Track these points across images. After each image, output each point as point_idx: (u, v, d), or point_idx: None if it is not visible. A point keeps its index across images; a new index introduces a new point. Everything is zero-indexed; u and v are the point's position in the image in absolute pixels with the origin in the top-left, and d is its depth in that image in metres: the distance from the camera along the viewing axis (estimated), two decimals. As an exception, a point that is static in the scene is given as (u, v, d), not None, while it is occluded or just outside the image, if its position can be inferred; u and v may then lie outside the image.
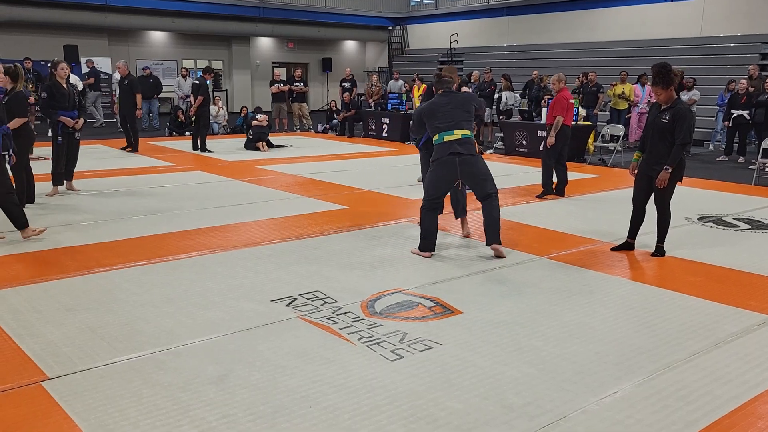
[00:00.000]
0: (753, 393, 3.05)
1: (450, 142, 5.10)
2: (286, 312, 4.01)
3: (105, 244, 5.55)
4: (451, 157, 5.09)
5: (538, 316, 4.01)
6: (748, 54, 15.38)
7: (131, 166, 10.29)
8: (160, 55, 22.57)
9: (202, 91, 12.06)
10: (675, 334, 3.74)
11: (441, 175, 5.19)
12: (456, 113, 5.16)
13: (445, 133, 5.14)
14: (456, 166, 5.10)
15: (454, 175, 5.16)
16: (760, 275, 4.91)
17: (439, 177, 5.21)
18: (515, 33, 21.60)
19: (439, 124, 5.17)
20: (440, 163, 5.16)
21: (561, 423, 2.77)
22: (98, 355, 3.36)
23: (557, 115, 7.87)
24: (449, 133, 5.12)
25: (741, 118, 11.73)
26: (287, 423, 2.73)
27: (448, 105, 5.19)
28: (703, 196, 8.22)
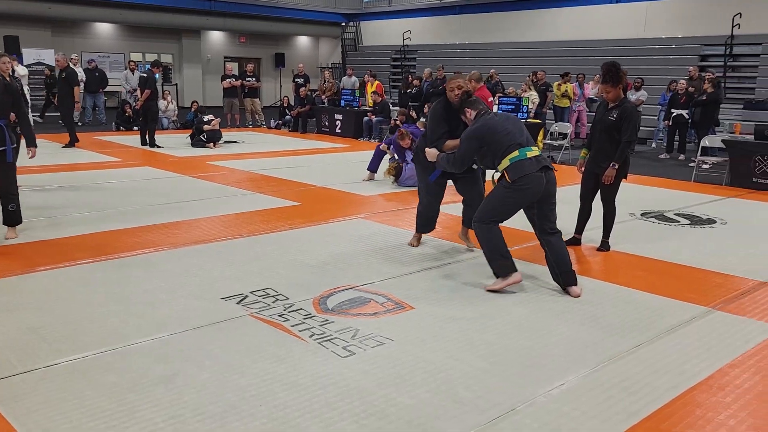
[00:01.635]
0: (691, 383, 3.17)
1: (536, 157, 4.39)
2: (237, 310, 3.96)
3: (48, 242, 5.38)
4: (540, 173, 4.35)
5: (489, 310, 4.07)
6: (688, 56, 15.94)
7: (76, 161, 9.98)
8: (107, 48, 21.93)
9: (149, 84, 11.79)
10: (618, 327, 3.85)
11: (522, 196, 4.40)
12: (520, 129, 4.55)
13: (527, 149, 4.41)
14: (543, 183, 4.38)
15: (538, 195, 4.41)
16: (699, 268, 5.10)
17: (521, 198, 4.41)
18: (467, 31, 21.83)
19: (515, 140, 4.42)
20: (524, 182, 4.32)
21: (510, 415, 2.82)
22: (39, 356, 3.25)
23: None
24: (530, 149, 4.41)
25: (680, 117, 12.15)
26: (237, 422, 2.71)
27: (507, 122, 4.55)
28: (646, 192, 8.49)
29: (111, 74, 17.51)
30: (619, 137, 5.29)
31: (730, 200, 8.14)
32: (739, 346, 3.62)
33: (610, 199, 5.52)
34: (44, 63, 17.36)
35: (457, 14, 22.29)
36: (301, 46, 26.96)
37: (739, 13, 14.94)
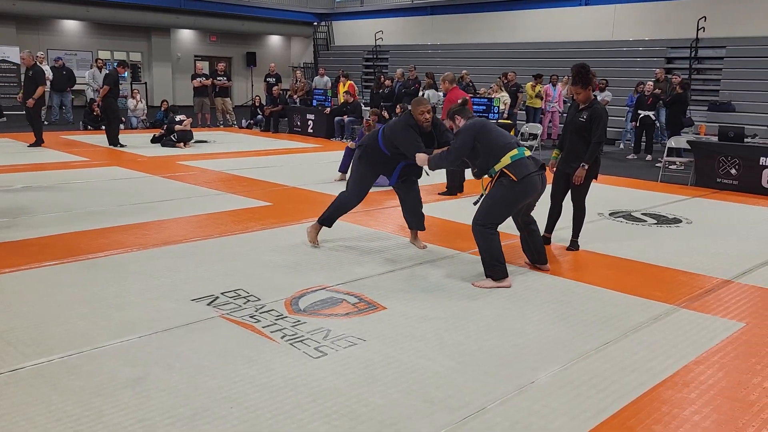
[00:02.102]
0: (658, 380, 3.23)
1: (532, 157, 4.58)
2: (207, 311, 3.93)
3: (12, 244, 5.26)
4: (538, 173, 4.52)
5: (460, 310, 4.10)
6: (655, 58, 16.25)
7: (43, 161, 9.78)
8: (74, 46, 21.53)
9: (107, 81, 11.60)
10: (588, 325, 3.91)
11: (525, 195, 4.55)
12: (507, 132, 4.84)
13: (523, 148, 4.57)
14: (540, 184, 4.57)
15: (535, 195, 4.59)
16: (665, 267, 5.20)
17: (523, 197, 4.56)
18: (439, 32, 21.93)
19: (511, 138, 4.65)
20: (529, 180, 4.47)
21: (480, 414, 2.85)
22: (3, 360, 3.18)
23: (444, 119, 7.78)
24: (525, 149, 4.60)
25: (647, 118, 12.38)
26: (207, 425, 2.68)
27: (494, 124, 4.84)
28: (614, 192, 8.63)
29: (78, 72, 17.17)
30: (589, 138, 5.37)
31: (695, 200, 8.32)
32: (703, 343, 3.70)
33: (580, 200, 5.60)
34: (9, 60, 16.97)
35: (429, 15, 22.39)
36: (273, 46, 26.80)
37: (704, 17, 15.28)
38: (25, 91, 11.69)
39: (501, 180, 4.51)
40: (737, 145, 9.09)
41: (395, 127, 5.12)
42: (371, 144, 5.27)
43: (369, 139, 5.34)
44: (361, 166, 5.33)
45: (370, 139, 5.33)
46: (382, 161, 5.24)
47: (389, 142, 5.13)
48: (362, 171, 5.33)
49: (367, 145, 5.30)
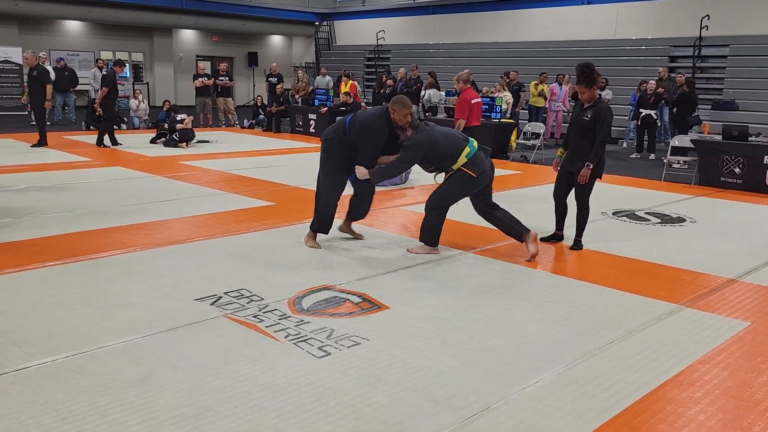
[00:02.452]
0: (662, 379, 3.22)
1: (480, 147, 5.12)
2: (211, 311, 3.93)
3: (16, 244, 5.27)
4: (489, 167, 5.15)
5: (463, 310, 4.09)
6: (658, 56, 16.23)
7: (45, 161, 9.80)
8: (76, 46, 21.55)
9: (106, 82, 11.61)
10: (591, 325, 3.91)
11: (479, 186, 5.15)
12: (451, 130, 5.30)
13: (471, 142, 5.10)
14: (491, 173, 5.21)
15: (488, 180, 5.23)
16: (669, 266, 5.19)
17: (477, 187, 5.16)
18: (440, 31, 21.93)
19: (460, 138, 5.11)
20: (484, 174, 5.09)
21: (485, 414, 2.84)
22: (8, 360, 3.19)
23: (458, 118, 7.78)
24: (473, 141, 5.12)
25: (649, 117, 12.36)
26: (212, 425, 2.68)
27: (438, 128, 5.13)
28: (617, 191, 8.62)
29: (81, 73, 17.19)
30: (593, 137, 5.36)
31: (699, 199, 8.30)
32: (708, 342, 3.69)
33: (584, 199, 5.59)
34: (11, 61, 17.00)
35: (431, 14, 22.38)
36: (275, 46, 26.82)
37: (707, 15, 15.25)
38: (30, 91, 11.69)
39: (460, 174, 5.04)
40: (741, 144, 9.07)
41: (370, 125, 4.99)
42: (339, 137, 5.12)
43: (335, 132, 5.19)
44: (329, 160, 5.17)
45: (336, 132, 5.18)
46: (347, 154, 5.11)
47: (353, 135, 5.01)
48: (331, 165, 5.17)
49: (332, 139, 5.16)
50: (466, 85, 7.89)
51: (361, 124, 5.03)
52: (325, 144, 5.21)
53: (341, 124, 5.18)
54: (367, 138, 5.01)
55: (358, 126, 5.04)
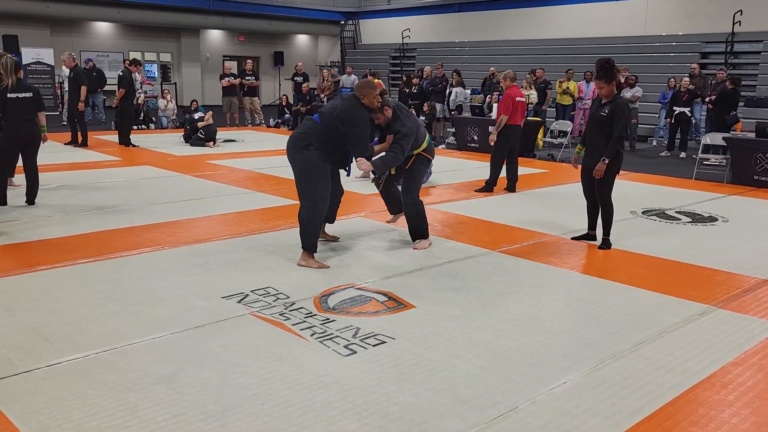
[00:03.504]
0: (694, 380, 3.16)
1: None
2: (238, 309, 3.95)
3: (47, 242, 5.37)
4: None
5: (489, 309, 4.06)
6: (689, 53, 15.93)
7: (76, 160, 9.97)
8: (106, 47, 21.90)
9: (123, 83, 11.77)
10: (620, 325, 3.84)
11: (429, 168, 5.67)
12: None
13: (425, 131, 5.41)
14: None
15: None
16: (701, 266, 5.09)
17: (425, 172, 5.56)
18: (466, 29, 21.81)
19: (423, 128, 5.40)
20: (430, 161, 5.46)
21: (512, 414, 2.81)
22: (40, 356, 3.24)
23: (501, 114, 7.87)
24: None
25: (682, 114, 12.13)
26: (239, 421, 2.70)
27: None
28: (647, 190, 8.48)
29: (110, 73, 17.46)
30: (610, 133, 5.30)
31: (732, 198, 8.13)
32: (741, 343, 3.61)
33: (604, 196, 5.51)
34: (44, 62, 17.32)
35: (456, 12, 22.27)
36: (300, 45, 26.94)
37: (740, 11, 14.93)
38: (69, 92, 12.00)
39: (421, 158, 5.30)
40: (775, 142, 8.86)
41: (357, 115, 4.74)
42: (318, 137, 4.74)
43: (311, 132, 4.76)
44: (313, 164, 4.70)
45: (312, 132, 4.76)
46: (338, 152, 4.85)
47: (336, 131, 4.73)
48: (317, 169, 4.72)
49: (312, 141, 4.72)
50: (513, 83, 8.06)
51: (347, 116, 4.71)
52: (304, 149, 4.72)
53: (313, 122, 4.84)
54: (359, 127, 4.76)
55: (342, 120, 4.71)
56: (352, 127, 4.74)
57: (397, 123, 5.04)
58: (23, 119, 6.51)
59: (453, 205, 7.23)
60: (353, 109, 4.77)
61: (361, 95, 4.82)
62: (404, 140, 5.01)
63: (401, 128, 5.02)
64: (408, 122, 5.10)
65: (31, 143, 6.68)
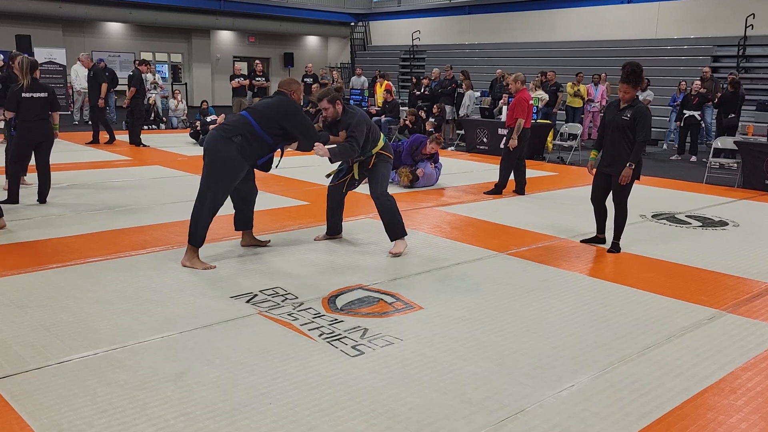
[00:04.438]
0: (703, 385, 3.15)
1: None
2: (246, 308, 3.97)
3: (59, 240, 5.41)
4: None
5: (497, 311, 4.06)
6: (700, 56, 15.85)
7: (87, 160, 10.04)
8: (118, 47, 22.05)
9: (134, 82, 11.85)
10: (629, 329, 3.83)
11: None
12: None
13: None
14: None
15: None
16: (710, 271, 5.07)
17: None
18: (476, 31, 21.80)
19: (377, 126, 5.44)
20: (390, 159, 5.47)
21: (519, 416, 2.81)
22: (51, 353, 3.27)
23: (518, 117, 7.81)
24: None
25: (692, 118, 12.08)
26: (246, 420, 2.71)
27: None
28: (657, 194, 8.44)
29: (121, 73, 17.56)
30: (632, 137, 5.26)
31: (743, 202, 8.09)
32: (750, 348, 3.59)
33: (622, 201, 5.48)
34: (56, 62, 17.45)
35: (467, 14, 22.27)
36: (311, 46, 27.01)
37: (753, 14, 14.85)
38: (90, 92, 12.15)
39: (383, 157, 5.30)
40: (786, 146, 8.81)
41: (294, 108, 4.82)
42: (248, 133, 4.69)
43: (243, 127, 4.71)
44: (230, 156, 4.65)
45: (242, 126, 4.71)
46: (260, 151, 4.82)
47: (274, 128, 4.74)
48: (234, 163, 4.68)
49: (243, 135, 4.68)
50: (523, 86, 7.99)
51: (285, 111, 4.77)
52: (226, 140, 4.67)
53: (241, 117, 4.80)
54: (302, 118, 4.85)
55: (281, 114, 4.75)
56: (294, 119, 4.80)
57: (348, 116, 5.12)
58: (37, 119, 6.57)
59: (462, 207, 7.23)
60: (288, 104, 4.86)
61: (290, 91, 4.96)
62: (357, 130, 5.01)
63: (352, 120, 5.07)
64: (356, 111, 5.18)
65: (44, 142, 6.74)
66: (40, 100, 6.58)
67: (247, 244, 5.31)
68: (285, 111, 4.81)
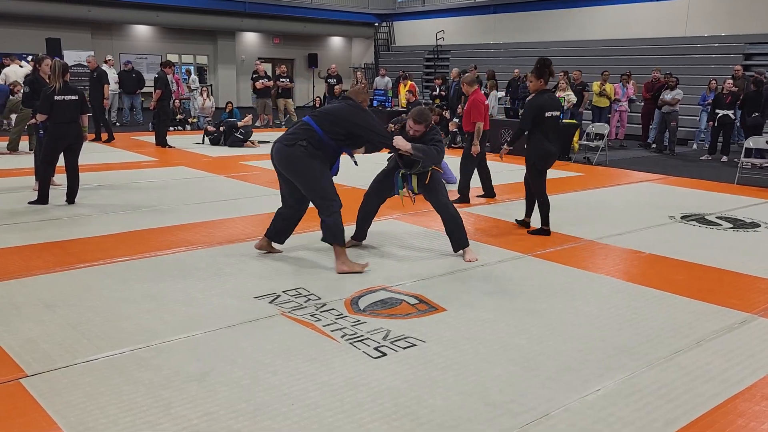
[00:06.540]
0: (733, 391, 3.07)
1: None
2: (269, 309, 3.98)
3: (87, 240, 5.49)
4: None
5: (522, 313, 4.02)
6: (732, 54, 15.53)
7: (114, 161, 10.18)
8: (144, 49, 22.35)
9: (160, 84, 11.98)
10: (657, 332, 3.76)
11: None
12: None
13: None
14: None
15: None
16: (742, 273, 4.96)
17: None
18: (501, 31, 21.65)
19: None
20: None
21: (544, 420, 2.77)
22: (78, 352, 3.32)
23: (476, 121, 7.27)
24: None
25: (726, 117, 11.82)
26: (269, 420, 2.71)
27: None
28: (686, 194, 8.29)
29: (148, 75, 17.80)
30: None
31: (774, 203, 7.90)
32: (783, 353, 3.50)
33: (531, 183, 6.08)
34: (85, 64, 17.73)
35: (492, 14, 22.13)
36: (334, 47, 27.07)
37: (785, 10, 14.52)
38: (91, 92, 12.38)
39: (435, 173, 5.19)
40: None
41: (355, 112, 4.77)
42: (312, 138, 4.70)
43: (303, 133, 4.73)
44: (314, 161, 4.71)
45: (304, 132, 4.73)
46: (328, 156, 4.83)
47: (339, 132, 4.73)
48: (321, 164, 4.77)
49: (308, 141, 4.69)
50: (474, 87, 7.39)
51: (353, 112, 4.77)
52: (291, 146, 4.71)
53: (306, 124, 4.79)
54: (371, 117, 4.86)
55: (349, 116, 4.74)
56: (363, 119, 4.77)
57: (433, 131, 5.10)
58: (68, 121, 6.68)
59: (485, 208, 7.18)
60: (356, 107, 4.82)
61: (359, 100, 4.91)
62: (440, 145, 5.04)
63: (436, 135, 5.08)
64: (438, 131, 5.19)
65: (73, 144, 6.85)
66: (71, 102, 6.68)
67: (262, 248, 5.24)
68: (352, 113, 4.78)
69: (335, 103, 5.10)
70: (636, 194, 8.30)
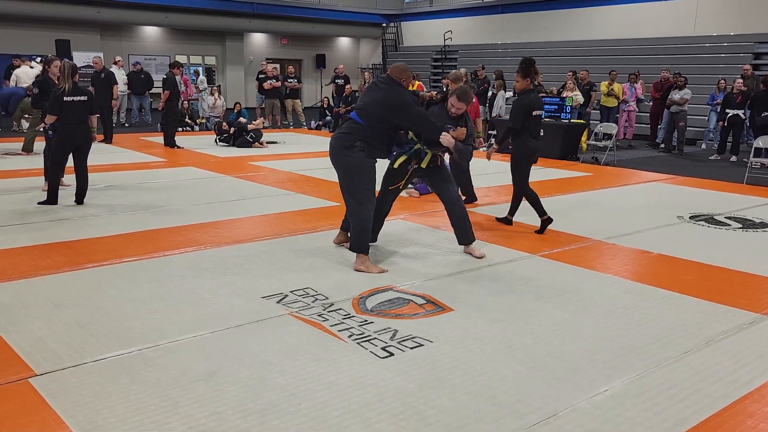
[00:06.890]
0: (743, 391, 3.05)
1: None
2: (277, 309, 3.99)
3: (95, 240, 5.52)
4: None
5: (529, 313, 4.01)
6: (741, 53, 15.44)
7: (123, 161, 10.23)
8: (153, 50, 22.46)
9: (168, 85, 12.02)
10: (665, 333, 3.74)
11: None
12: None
13: None
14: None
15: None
16: (751, 274, 4.92)
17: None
18: (509, 31, 21.61)
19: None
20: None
21: (551, 421, 2.77)
22: (86, 351, 3.33)
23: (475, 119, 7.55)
24: None
25: (736, 117, 11.75)
26: (276, 420, 2.72)
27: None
28: (695, 194, 8.25)
29: (157, 76, 17.87)
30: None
31: (784, 203, 7.85)
32: (793, 354, 3.48)
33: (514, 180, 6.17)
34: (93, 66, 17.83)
35: (499, 14, 22.09)
36: (342, 47, 27.11)
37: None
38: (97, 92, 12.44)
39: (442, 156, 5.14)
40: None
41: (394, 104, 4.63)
42: (364, 134, 4.67)
43: (352, 130, 4.69)
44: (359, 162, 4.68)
45: (354, 130, 4.69)
46: (382, 142, 4.78)
47: (384, 123, 4.67)
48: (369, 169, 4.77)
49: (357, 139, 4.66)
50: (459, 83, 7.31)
51: (392, 104, 4.64)
52: (348, 148, 4.67)
53: (353, 121, 4.76)
54: (414, 109, 4.73)
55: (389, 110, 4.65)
56: (405, 113, 4.68)
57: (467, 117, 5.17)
58: (77, 122, 6.72)
59: (493, 209, 7.16)
60: (396, 97, 4.66)
61: (401, 78, 4.77)
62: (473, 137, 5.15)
63: (469, 122, 5.16)
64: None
65: (82, 145, 6.88)
66: (81, 103, 6.72)
67: (339, 242, 5.40)
68: (392, 105, 4.64)
69: (376, 90, 4.79)
70: (644, 194, 8.26)
